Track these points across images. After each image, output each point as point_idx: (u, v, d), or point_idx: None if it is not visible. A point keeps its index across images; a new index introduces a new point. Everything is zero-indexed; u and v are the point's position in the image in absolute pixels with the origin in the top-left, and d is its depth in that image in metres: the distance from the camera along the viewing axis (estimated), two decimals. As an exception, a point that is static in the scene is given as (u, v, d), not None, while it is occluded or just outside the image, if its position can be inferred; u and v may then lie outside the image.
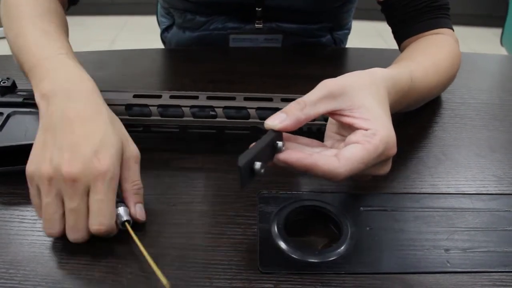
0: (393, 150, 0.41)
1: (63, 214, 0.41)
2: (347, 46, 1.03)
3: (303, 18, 0.88)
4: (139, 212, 0.44)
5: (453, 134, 0.62)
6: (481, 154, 0.59)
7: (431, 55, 0.61)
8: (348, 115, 0.41)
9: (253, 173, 0.37)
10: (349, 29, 1.01)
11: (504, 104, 0.71)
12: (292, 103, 0.41)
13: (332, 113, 0.42)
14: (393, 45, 0.76)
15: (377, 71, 0.46)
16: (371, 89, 0.43)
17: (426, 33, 0.67)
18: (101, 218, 0.41)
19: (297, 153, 0.39)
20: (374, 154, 0.39)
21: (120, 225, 0.44)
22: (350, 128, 0.41)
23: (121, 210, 0.45)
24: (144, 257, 0.41)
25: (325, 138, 0.47)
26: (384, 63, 0.82)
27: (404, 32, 0.70)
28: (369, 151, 0.39)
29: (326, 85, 0.42)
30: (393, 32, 0.74)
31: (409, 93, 0.52)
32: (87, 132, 0.42)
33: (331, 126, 0.47)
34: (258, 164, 0.37)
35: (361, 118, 0.40)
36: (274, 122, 0.40)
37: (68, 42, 0.55)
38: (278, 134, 0.40)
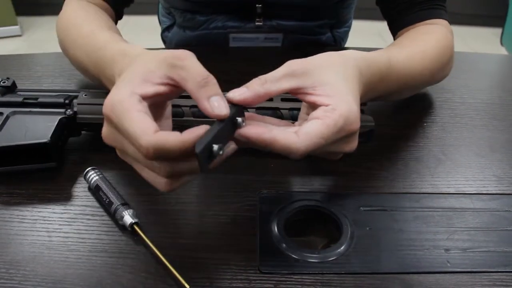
0: (355, 125, 0.40)
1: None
2: (347, 45, 1.03)
3: (304, 14, 0.88)
4: (216, 106, 0.37)
5: (453, 134, 0.62)
6: (481, 154, 0.59)
7: (419, 41, 0.61)
8: (311, 93, 0.41)
9: (212, 156, 0.36)
10: (349, 26, 1.01)
11: (504, 104, 0.71)
12: (254, 79, 0.41)
13: (296, 92, 0.42)
14: (393, 44, 0.76)
15: (347, 52, 0.46)
16: (337, 68, 0.42)
17: (419, 23, 0.67)
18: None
19: (257, 128, 0.38)
20: (333, 128, 0.38)
21: (129, 228, 0.44)
22: (314, 107, 0.41)
23: (128, 212, 0.45)
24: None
25: (298, 120, 0.47)
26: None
27: (398, 23, 0.69)
28: (328, 126, 0.38)
29: (290, 64, 0.42)
30: (388, 24, 0.74)
31: (388, 76, 0.51)
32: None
33: (302, 108, 0.47)
34: (216, 147, 0.36)
35: (322, 95, 0.40)
36: (234, 94, 0.40)
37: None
38: (238, 110, 0.39)
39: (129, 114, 0.36)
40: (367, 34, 2.77)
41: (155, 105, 0.41)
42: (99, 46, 0.51)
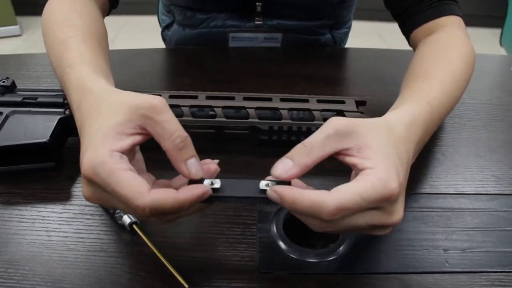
0: (392, 190, 0.35)
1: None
2: (346, 45, 1.03)
3: (303, 14, 0.88)
4: (193, 170, 0.37)
5: (452, 134, 0.63)
6: (480, 155, 0.59)
7: (444, 61, 0.57)
8: (354, 155, 0.37)
9: None
10: (349, 27, 1.01)
11: (503, 105, 0.71)
12: (298, 146, 0.37)
13: (338, 153, 0.38)
14: (393, 45, 0.76)
15: (392, 117, 0.43)
16: (382, 131, 0.39)
17: (432, 22, 0.64)
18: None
19: (285, 187, 0.36)
20: (370, 190, 0.34)
21: (128, 227, 0.45)
22: (356, 171, 0.37)
23: None
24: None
25: None
26: (383, 63, 0.83)
27: (410, 24, 0.67)
28: (365, 186, 0.34)
29: (334, 124, 0.38)
30: (400, 26, 0.71)
31: (432, 120, 0.48)
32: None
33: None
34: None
35: (364, 158, 0.36)
36: (280, 172, 0.37)
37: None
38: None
39: (115, 176, 0.34)
40: (367, 34, 2.77)
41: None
42: (68, 63, 0.48)
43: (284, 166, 0.37)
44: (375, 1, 0.74)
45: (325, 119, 0.54)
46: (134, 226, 0.44)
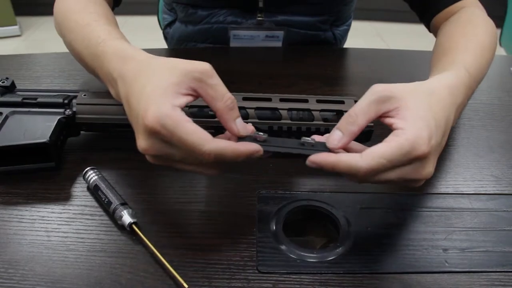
0: (421, 151, 0.39)
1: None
2: (346, 45, 1.04)
3: (305, 10, 0.88)
4: (241, 127, 0.43)
5: (451, 134, 0.63)
6: (480, 154, 0.59)
7: (471, 36, 0.61)
8: (392, 116, 0.41)
9: None
10: (349, 25, 1.01)
11: (503, 105, 0.71)
12: (345, 117, 0.42)
13: (380, 116, 0.42)
14: (392, 44, 0.76)
15: (434, 82, 0.46)
16: (421, 94, 0.42)
17: (453, 6, 0.69)
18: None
19: (323, 153, 0.40)
20: (397, 151, 0.38)
21: (127, 227, 0.45)
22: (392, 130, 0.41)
23: (126, 212, 0.45)
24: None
25: None
26: (383, 63, 0.83)
27: (432, 10, 0.71)
28: (392, 148, 0.38)
29: (375, 90, 0.42)
30: (419, 15, 0.75)
31: (471, 85, 0.52)
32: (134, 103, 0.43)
33: None
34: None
35: (399, 119, 0.40)
36: (333, 143, 0.41)
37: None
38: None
39: (182, 126, 0.39)
40: (367, 34, 2.77)
41: None
42: (98, 41, 0.51)
43: (335, 137, 0.42)
44: (374, 1, 0.74)
45: (324, 119, 0.54)
46: (134, 226, 0.44)
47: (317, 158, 0.40)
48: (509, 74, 0.81)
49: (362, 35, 2.41)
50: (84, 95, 0.55)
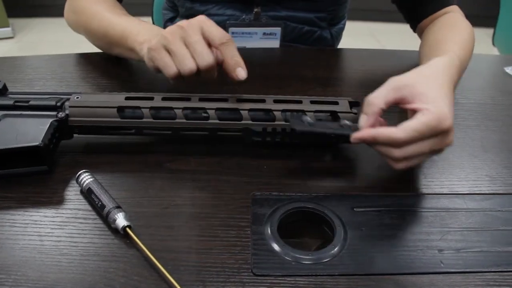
0: (446, 123, 0.47)
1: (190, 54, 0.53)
2: (340, 45, 1.04)
3: (301, 6, 0.88)
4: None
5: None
6: (474, 154, 0.59)
7: (456, 34, 0.72)
8: (411, 101, 0.50)
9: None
10: (344, 24, 1.02)
11: (497, 104, 0.71)
12: (365, 103, 0.51)
13: (400, 102, 0.51)
14: (385, 44, 0.76)
15: (437, 64, 0.55)
16: (430, 79, 0.52)
17: (439, 12, 0.80)
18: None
19: (365, 129, 0.50)
20: (426, 125, 0.47)
21: (121, 231, 0.44)
22: (414, 112, 0.50)
23: (120, 215, 0.45)
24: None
25: None
26: (377, 63, 0.83)
27: (419, 14, 0.82)
28: (422, 123, 0.47)
29: (392, 81, 0.51)
30: (407, 17, 0.85)
31: (460, 69, 0.62)
32: None
33: (409, 116, 0.53)
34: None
35: (420, 102, 0.49)
36: (363, 124, 0.50)
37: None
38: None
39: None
40: (360, 34, 2.78)
41: None
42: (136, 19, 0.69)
43: (363, 120, 0.51)
44: (368, 2, 0.74)
45: (318, 120, 0.54)
46: (128, 230, 0.44)
47: (360, 133, 0.49)
48: (502, 74, 0.82)
49: (355, 35, 2.41)
50: (77, 97, 0.54)
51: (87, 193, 0.48)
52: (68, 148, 0.57)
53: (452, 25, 0.77)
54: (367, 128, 0.50)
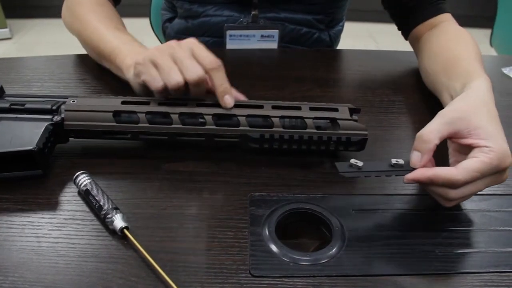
0: (507, 162, 0.46)
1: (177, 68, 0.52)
2: (339, 46, 1.04)
3: (298, 8, 0.88)
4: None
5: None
6: (472, 155, 0.59)
7: (470, 48, 0.68)
8: (467, 136, 0.47)
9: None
10: (342, 26, 1.02)
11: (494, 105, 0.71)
12: (417, 139, 0.48)
13: (453, 136, 0.48)
14: (384, 46, 0.76)
15: (483, 94, 0.52)
16: (482, 110, 0.49)
17: (432, 19, 0.76)
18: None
19: (420, 169, 0.46)
20: (489, 166, 0.45)
21: (119, 232, 0.44)
22: (469, 147, 0.47)
23: (118, 216, 0.45)
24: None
25: (449, 156, 0.53)
26: (375, 64, 0.83)
27: (412, 22, 0.78)
28: (485, 163, 0.45)
29: (444, 114, 0.49)
30: (398, 24, 0.82)
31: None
32: None
33: (451, 154, 0.52)
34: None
35: (477, 138, 0.47)
36: (417, 163, 0.47)
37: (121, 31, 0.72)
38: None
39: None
40: (359, 35, 2.78)
41: None
42: (128, 38, 0.68)
43: (416, 158, 0.47)
44: (366, 3, 0.74)
45: (317, 127, 0.53)
46: (126, 231, 0.44)
47: (415, 175, 0.46)
48: (500, 75, 0.82)
49: (354, 37, 2.41)
50: (73, 101, 0.54)
51: (85, 195, 0.48)
52: (65, 149, 0.56)
53: (457, 38, 0.72)
54: (422, 168, 0.47)
